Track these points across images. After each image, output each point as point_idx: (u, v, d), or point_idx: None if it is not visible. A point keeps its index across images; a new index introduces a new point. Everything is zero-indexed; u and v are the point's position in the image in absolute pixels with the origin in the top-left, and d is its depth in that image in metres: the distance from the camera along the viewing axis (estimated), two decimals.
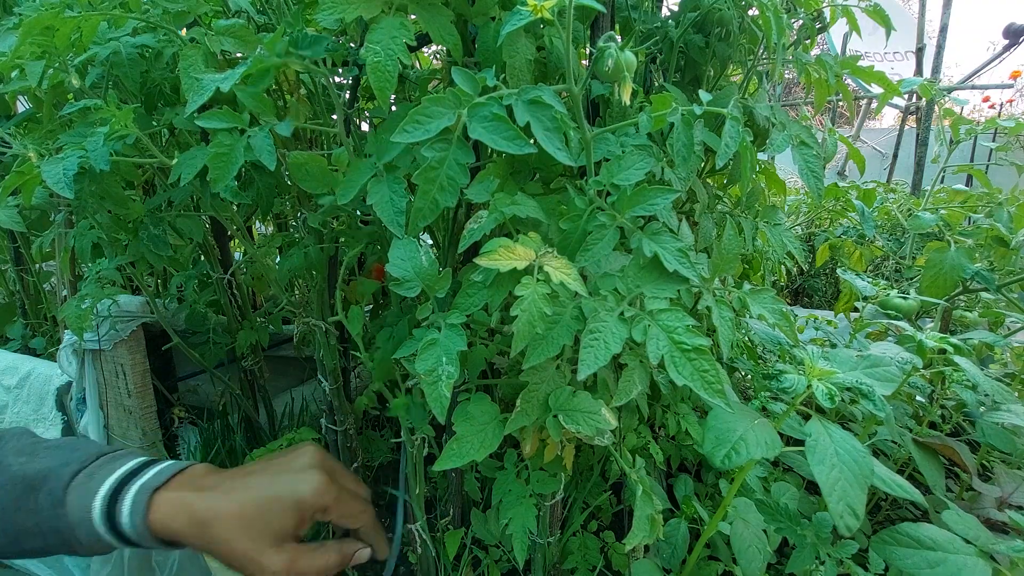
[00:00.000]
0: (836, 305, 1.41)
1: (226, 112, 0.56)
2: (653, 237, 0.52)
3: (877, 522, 0.94)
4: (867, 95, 3.51)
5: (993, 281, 1.05)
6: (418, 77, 0.81)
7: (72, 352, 1.02)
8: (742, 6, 0.76)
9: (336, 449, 0.87)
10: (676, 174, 0.63)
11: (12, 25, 0.66)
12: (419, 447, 0.73)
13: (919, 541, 0.58)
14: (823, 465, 0.51)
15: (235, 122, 0.55)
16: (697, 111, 0.53)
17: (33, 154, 0.66)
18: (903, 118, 3.49)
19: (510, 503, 0.61)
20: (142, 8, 0.67)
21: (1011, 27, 3.37)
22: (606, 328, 0.48)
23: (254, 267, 1.07)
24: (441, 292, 0.53)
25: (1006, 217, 1.17)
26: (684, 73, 0.81)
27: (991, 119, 1.31)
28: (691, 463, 0.95)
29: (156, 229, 0.83)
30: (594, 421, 0.52)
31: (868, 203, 1.33)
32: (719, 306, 0.58)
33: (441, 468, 0.53)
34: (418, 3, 0.53)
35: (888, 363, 0.68)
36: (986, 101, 4.14)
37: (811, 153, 0.66)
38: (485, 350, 0.63)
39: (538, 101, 0.47)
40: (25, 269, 1.46)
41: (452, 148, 0.48)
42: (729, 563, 0.74)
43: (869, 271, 2.02)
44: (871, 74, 0.81)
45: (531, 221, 0.53)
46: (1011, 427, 0.86)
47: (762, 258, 1.06)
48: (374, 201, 0.53)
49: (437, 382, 0.47)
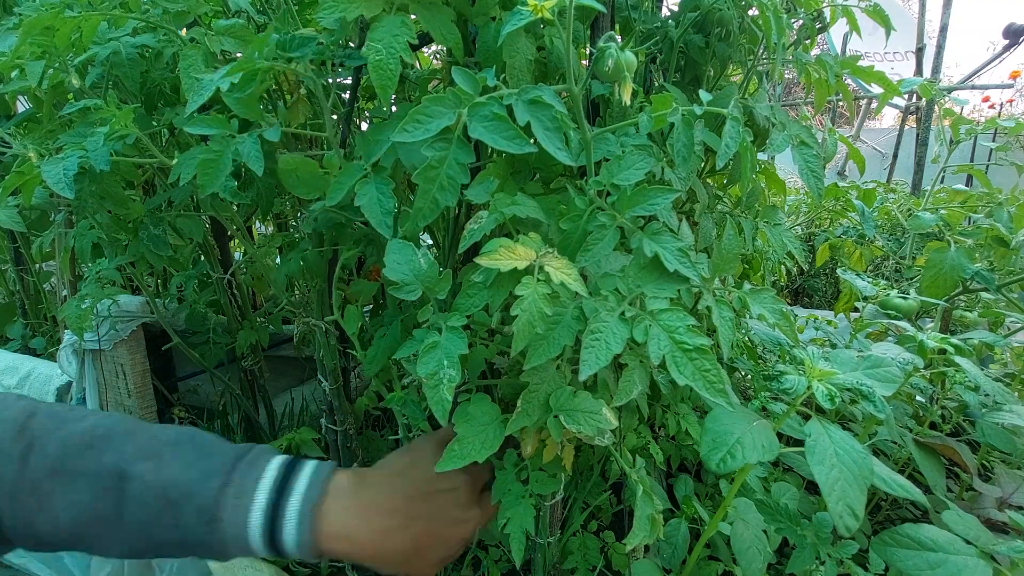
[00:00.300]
0: (836, 305, 1.41)
1: (215, 118, 0.55)
2: (653, 237, 0.52)
3: (877, 522, 0.94)
4: (867, 95, 3.52)
5: (993, 281, 1.05)
6: (418, 77, 0.81)
7: (72, 352, 1.02)
8: (742, 6, 0.75)
9: (336, 449, 0.87)
10: (676, 174, 0.63)
11: (12, 25, 0.66)
12: None
13: (920, 542, 0.58)
14: (823, 466, 0.51)
15: (223, 128, 0.55)
16: (697, 111, 0.53)
17: (33, 154, 0.66)
18: (903, 118, 3.49)
19: (509, 503, 0.61)
20: (142, 8, 0.67)
21: (1011, 27, 3.37)
22: (607, 328, 0.48)
23: (254, 267, 1.07)
24: (442, 294, 0.53)
25: (1006, 217, 1.17)
26: (684, 73, 0.81)
27: (991, 119, 1.31)
28: (691, 463, 0.95)
29: (156, 229, 0.83)
30: (595, 421, 0.52)
31: (868, 203, 1.33)
32: (719, 306, 0.58)
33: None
34: (419, 2, 0.53)
35: (889, 364, 0.68)
36: (986, 101, 4.14)
37: (811, 153, 0.66)
38: (485, 351, 0.63)
39: (538, 101, 0.47)
40: (25, 269, 1.46)
41: (452, 148, 0.48)
42: (729, 563, 0.74)
43: (869, 271, 2.02)
44: (871, 74, 0.81)
45: (531, 221, 0.53)
46: (1011, 427, 0.86)
47: (762, 258, 1.06)
48: (362, 203, 0.53)
49: (438, 385, 0.47)
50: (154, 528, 0.49)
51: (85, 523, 0.48)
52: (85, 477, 0.49)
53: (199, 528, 0.49)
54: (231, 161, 0.54)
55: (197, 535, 0.49)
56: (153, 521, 0.49)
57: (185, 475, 0.50)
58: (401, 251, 0.53)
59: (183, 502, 0.49)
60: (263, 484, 0.51)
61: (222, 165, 0.54)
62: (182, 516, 0.49)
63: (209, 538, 0.49)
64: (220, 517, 0.49)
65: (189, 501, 0.49)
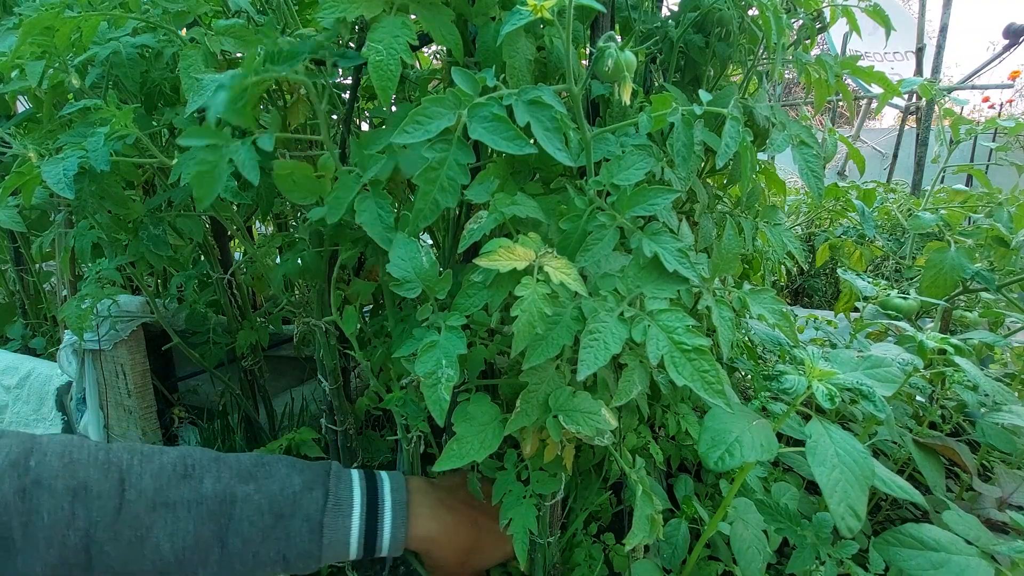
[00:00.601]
0: (836, 305, 1.41)
1: (207, 129, 0.55)
2: (653, 237, 0.52)
3: (877, 522, 0.94)
4: (867, 95, 3.51)
5: (993, 281, 1.05)
6: (418, 77, 0.81)
7: (72, 352, 1.02)
8: (742, 6, 0.75)
9: (336, 449, 0.87)
10: (676, 174, 0.63)
11: (12, 25, 0.66)
12: (415, 445, 0.73)
13: (922, 542, 0.58)
14: (824, 466, 0.51)
15: (216, 139, 0.55)
16: (697, 111, 0.53)
17: (33, 154, 0.66)
18: (903, 118, 3.49)
19: (510, 503, 0.61)
20: (142, 8, 0.67)
21: (1011, 27, 3.37)
22: (606, 328, 0.48)
23: (254, 267, 1.07)
24: (441, 293, 0.53)
25: (1006, 217, 1.17)
26: (684, 73, 0.81)
27: (991, 119, 1.31)
28: (691, 463, 0.95)
29: (156, 229, 0.83)
30: (594, 421, 0.52)
31: (868, 203, 1.32)
32: (719, 306, 0.58)
33: (441, 469, 0.53)
34: (419, 2, 0.53)
35: (890, 364, 0.68)
36: (986, 101, 4.14)
37: (811, 153, 0.66)
38: (485, 350, 0.63)
39: (538, 101, 0.47)
40: (25, 269, 1.46)
41: (452, 148, 0.48)
42: (729, 563, 0.73)
43: (869, 271, 2.01)
44: (871, 74, 0.81)
45: (531, 221, 0.53)
46: (1011, 427, 0.86)
47: (762, 258, 1.06)
48: (362, 220, 0.53)
49: (436, 384, 0.47)
50: (261, 545, 0.51)
51: (189, 551, 0.49)
52: (186, 506, 0.50)
53: (305, 537, 0.52)
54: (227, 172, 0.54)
55: (302, 545, 0.53)
56: (261, 538, 0.51)
57: (288, 490, 0.54)
58: (406, 247, 0.53)
59: (292, 513, 0.53)
60: (356, 493, 0.56)
61: (217, 176, 0.54)
62: (290, 528, 0.52)
63: (312, 547, 0.53)
64: (324, 525, 0.53)
65: (299, 511, 0.53)
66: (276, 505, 0.52)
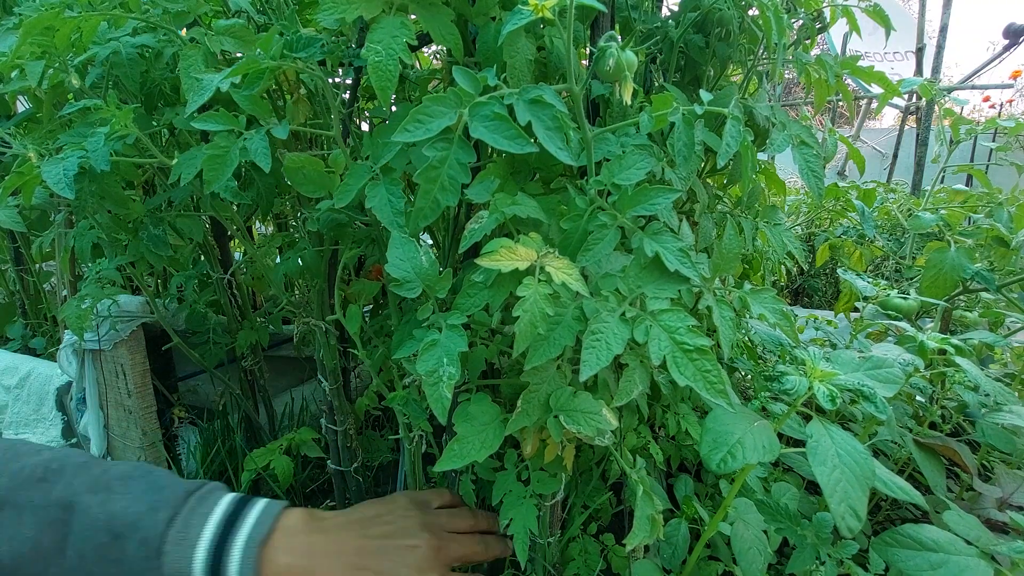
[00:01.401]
0: (836, 305, 1.41)
1: (223, 114, 0.56)
2: (654, 237, 0.52)
3: (877, 522, 0.94)
4: (867, 95, 3.52)
5: (993, 281, 1.05)
6: (418, 77, 0.81)
7: (72, 352, 1.02)
8: (742, 6, 0.75)
9: (336, 449, 0.87)
10: (677, 174, 0.63)
11: (12, 25, 0.66)
12: (417, 444, 0.73)
13: (921, 542, 0.58)
14: (824, 467, 0.51)
15: (231, 124, 0.55)
16: (698, 111, 0.53)
17: (33, 154, 0.65)
18: (903, 118, 3.49)
19: (511, 503, 0.61)
20: (142, 8, 0.67)
21: (1011, 27, 3.37)
22: (608, 329, 0.48)
23: (254, 267, 1.07)
24: (442, 293, 0.53)
25: (1006, 217, 1.17)
26: (684, 73, 0.81)
27: (991, 119, 1.31)
28: (691, 463, 0.95)
29: (156, 229, 0.82)
30: (595, 421, 0.52)
31: (868, 203, 1.33)
32: (720, 306, 0.58)
33: (442, 469, 0.53)
34: (418, 3, 0.53)
35: (891, 365, 0.68)
36: (986, 101, 4.14)
37: (811, 153, 0.66)
38: (486, 350, 0.63)
39: (539, 100, 0.47)
40: (25, 269, 1.46)
41: (453, 147, 0.48)
42: (729, 563, 0.73)
43: (869, 271, 2.02)
44: (871, 74, 0.81)
45: (532, 221, 0.53)
46: (1011, 427, 0.86)
47: (762, 258, 1.06)
48: (372, 204, 0.53)
49: (438, 383, 0.47)
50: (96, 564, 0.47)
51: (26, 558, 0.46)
52: (32, 510, 0.47)
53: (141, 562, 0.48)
54: (238, 157, 0.55)
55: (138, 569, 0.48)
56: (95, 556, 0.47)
57: (133, 508, 0.49)
58: (404, 247, 0.53)
59: (128, 535, 0.48)
60: (212, 519, 0.51)
61: (229, 161, 0.55)
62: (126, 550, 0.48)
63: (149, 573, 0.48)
64: (164, 551, 0.48)
65: (134, 534, 0.48)
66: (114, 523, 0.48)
